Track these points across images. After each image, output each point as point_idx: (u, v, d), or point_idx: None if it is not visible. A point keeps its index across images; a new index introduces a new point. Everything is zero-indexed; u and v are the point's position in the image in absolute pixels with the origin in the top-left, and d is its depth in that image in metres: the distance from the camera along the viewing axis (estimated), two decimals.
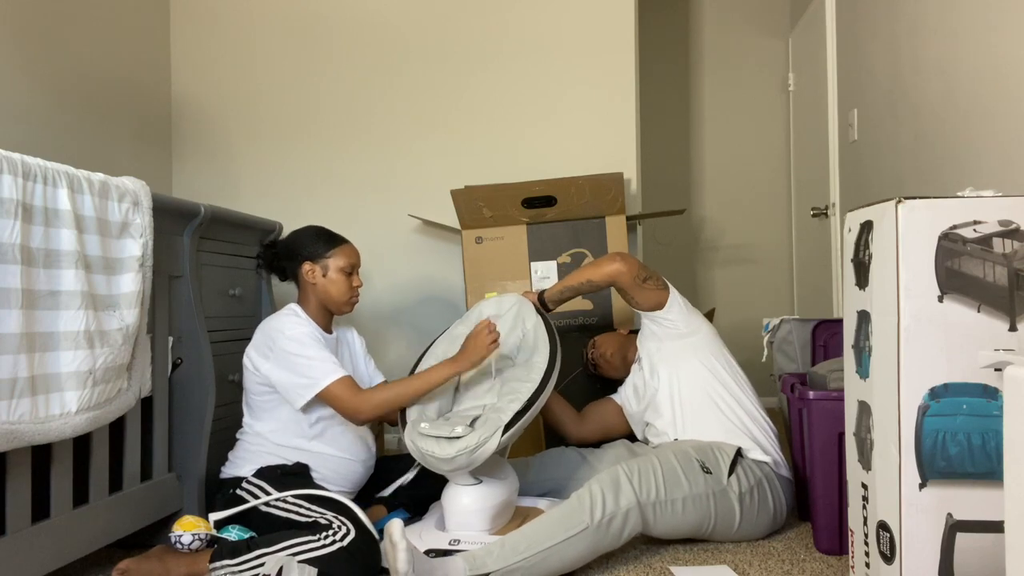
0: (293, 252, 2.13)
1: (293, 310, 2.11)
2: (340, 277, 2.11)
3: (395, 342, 3.25)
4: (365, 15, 3.32)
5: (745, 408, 2.11)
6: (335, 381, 1.98)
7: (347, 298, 2.14)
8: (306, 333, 2.03)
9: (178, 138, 3.40)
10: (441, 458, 1.84)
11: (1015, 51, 1.87)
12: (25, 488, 1.56)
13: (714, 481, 1.93)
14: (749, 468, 2.01)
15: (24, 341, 1.47)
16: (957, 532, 1.39)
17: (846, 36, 3.22)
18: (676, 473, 1.90)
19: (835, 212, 3.37)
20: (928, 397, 1.39)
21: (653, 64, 4.24)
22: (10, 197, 1.44)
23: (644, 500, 1.83)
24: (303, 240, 2.14)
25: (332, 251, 2.12)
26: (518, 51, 3.25)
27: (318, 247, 2.12)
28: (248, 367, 2.06)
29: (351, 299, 2.15)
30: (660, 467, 1.89)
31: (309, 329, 2.04)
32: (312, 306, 2.13)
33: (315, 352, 2.00)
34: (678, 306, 2.16)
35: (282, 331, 2.02)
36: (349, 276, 2.13)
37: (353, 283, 2.15)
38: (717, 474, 1.94)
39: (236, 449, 2.10)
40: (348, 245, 2.16)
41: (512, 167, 3.14)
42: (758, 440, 2.08)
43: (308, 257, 2.11)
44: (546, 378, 2.02)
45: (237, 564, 1.73)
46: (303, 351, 2.00)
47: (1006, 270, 1.37)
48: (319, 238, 2.14)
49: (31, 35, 2.58)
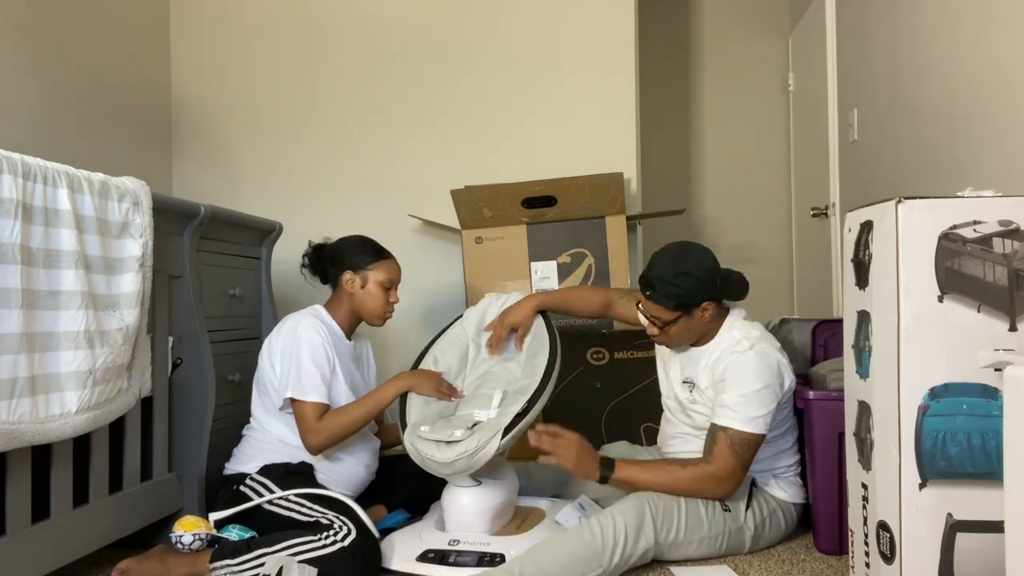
0: (337, 258, 2.16)
1: (317, 312, 2.12)
2: (378, 291, 2.13)
3: (395, 342, 3.24)
4: (365, 15, 3.32)
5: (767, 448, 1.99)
6: (312, 402, 1.98)
7: (381, 312, 2.16)
8: (319, 343, 2.04)
9: (178, 138, 3.40)
10: (441, 462, 1.84)
11: (1015, 52, 1.87)
12: (25, 488, 1.56)
13: (731, 519, 1.91)
14: (764, 500, 1.99)
15: (24, 341, 1.47)
16: (957, 532, 1.39)
17: (846, 36, 3.22)
18: (699, 516, 1.86)
19: (835, 212, 3.37)
20: (928, 397, 1.39)
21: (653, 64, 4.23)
22: (10, 197, 1.44)
23: (663, 541, 1.81)
24: (349, 248, 2.16)
25: (375, 264, 2.14)
26: (518, 51, 3.24)
27: (362, 258, 2.14)
28: (264, 357, 2.08)
29: (385, 313, 2.17)
30: (685, 509, 1.85)
31: (323, 339, 2.05)
32: (342, 311, 2.14)
33: (314, 366, 2.01)
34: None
35: (299, 328, 2.04)
36: (387, 291, 2.15)
37: (390, 299, 2.17)
38: (735, 512, 1.92)
39: (242, 445, 2.10)
40: (391, 261, 2.18)
41: (512, 167, 3.14)
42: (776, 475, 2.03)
43: (350, 266, 2.13)
44: (546, 379, 2.02)
45: (237, 564, 1.73)
46: (304, 357, 2.00)
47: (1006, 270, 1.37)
48: (365, 249, 2.16)
49: (31, 35, 2.58)
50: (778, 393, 1.89)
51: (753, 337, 1.94)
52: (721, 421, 1.87)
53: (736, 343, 1.93)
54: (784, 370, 1.93)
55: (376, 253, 2.17)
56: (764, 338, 1.96)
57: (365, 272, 2.13)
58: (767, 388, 1.87)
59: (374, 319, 2.17)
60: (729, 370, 1.90)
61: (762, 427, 1.86)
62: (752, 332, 1.96)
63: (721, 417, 1.87)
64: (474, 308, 2.31)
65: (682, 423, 2.07)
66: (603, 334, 2.78)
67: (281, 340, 2.05)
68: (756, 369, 1.88)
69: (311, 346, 2.02)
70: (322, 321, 2.09)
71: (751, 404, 1.85)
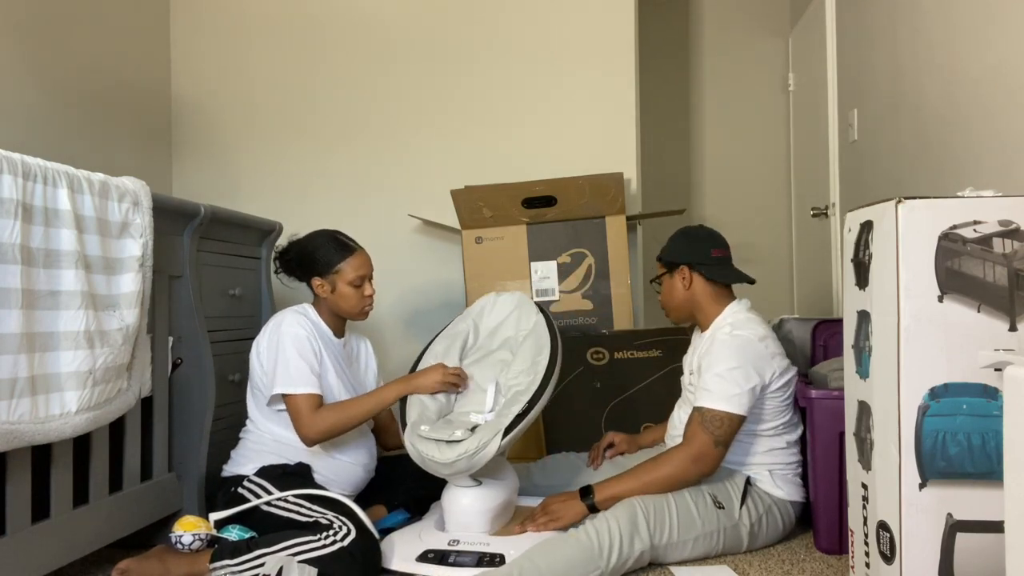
0: (304, 263, 2.12)
1: (303, 310, 2.11)
2: (349, 290, 2.09)
3: (395, 342, 3.24)
4: (365, 16, 3.32)
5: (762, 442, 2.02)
6: (304, 393, 1.97)
7: (358, 309, 2.13)
8: (304, 337, 2.02)
9: (178, 138, 3.40)
10: (441, 462, 1.83)
11: (1015, 51, 1.87)
12: (25, 488, 1.56)
13: (726, 516, 1.91)
14: (759, 497, 1.99)
15: (24, 341, 1.47)
16: (957, 532, 1.39)
17: (846, 36, 3.22)
18: (691, 514, 1.87)
19: (835, 212, 3.36)
20: (928, 397, 1.39)
21: (653, 64, 4.23)
22: (10, 197, 1.44)
23: (657, 543, 1.82)
24: (314, 251, 2.11)
25: (339, 266, 2.09)
26: (518, 51, 3.24)
27: (326, 261, 2.09)
28: (253, 357, 2.07)
29: (363, 309, 2.14)
30: (675, 508, 1.85)
31: (308, 333, 2.04)
32: (324, 312, 2.13)
33: (301, 358, 1.99)
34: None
35: (283, 324, 2.04)
36: (358, 288, 2.11)
37: (364, 292, 2.12)
38: (729, 509, 1.92)
39: (239, 447, 2.10)
40: (356, 256, 2.11)
41: (512, 167, 3.14)
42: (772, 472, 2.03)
43: (317, 272, 2.10)
44: (546, 380, 2.02)
45: (237, 564, 1.73)
46: (292, 350, 2.00)
47: (1006, 270, 1.37)
48: (328, 251, 2.10)
49: (31, 35, 2.58)
50: (756, 374, 1.93)
51: (738, 322, 2.01)
52: (698, 402, 1.94)
53: (721, 327, 2.02)
54: (766, 353, 1.97)
55: (339, 253, 2.10)
56: (750, 323, 2.01)
57: (332, 276, 2.09)
58: (739, 368, 1.91)
59: (353, 317, 2.14)
60: (710, 351, 1.97)
61: (737, 407, 1.90)
62: (739, 317, 2.03)
63: (699, 399, 1.94)
64: (473, 306, 2.31)
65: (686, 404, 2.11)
66: (603, 334, 2.78)
67: (266, 338, 2.05)
68: (730, 349, 1.94)
69: (295, 340, 2.01)
70: (308, 318, 2.08)
71: (724, 383, 1.91)
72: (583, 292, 2.85)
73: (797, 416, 2.08)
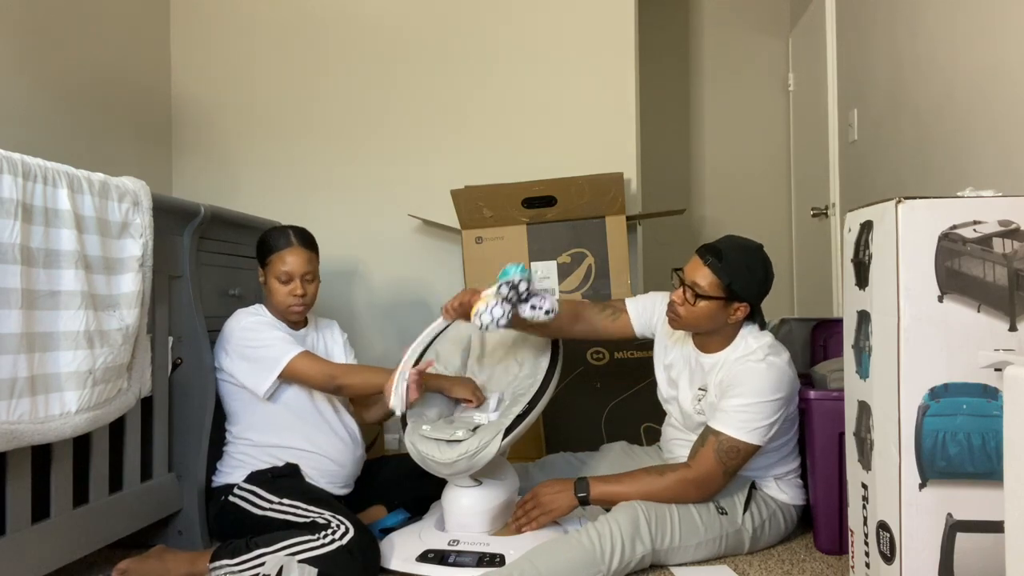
0: (257, 255, 2.13)
1: (255, 309, 2.11)
2: (276, 286, 2.05)
3: (395, 342, 3.24)
4: (365, 16, 3.32)
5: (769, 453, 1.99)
6: (295, 357, 1.97)
7: (282, 307, 2.06)
8: (258, 321, 2.03)
9: (178, 138, 3.40)
10: (441, 462, 1.83)
11: (1015, 51, 1.87)
12: (25, 488, 1.56)
13: (729, 522, 1.90)
14: (764, 502, 1.98)
15: (24, 341, 1.47)
16: (957, 532, 1.39)
17: (846, 36, 3.22)
18: (693, 520, 1.86)
19: (835, 212, 3.36)
20: (928, 397, 1.39)
21: (653, 64, 4.23)
22: (10, 197, 1.44)
23: (659, 547, 1.81)
24: (259, 244, 2.11)
25: (268, 259, 2.07)
26: (518, 51, 3.24)
27: (262, 254, 2.09)
28: (225, 363, 2.05)
29: (287, 308, 2.06)
30: (678, 513, 1.84)
31: (260, 319, 2.04)
32: (271, 306, 2.12)
33: (267, 334, 2.00)
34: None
35: (235, 324, 2.04)
36: (284, 284, 2.04)
37: (291, 291, 2.04)
38: (732, 515, 1.91)
39: (224, 459, 2.09)
40: (284, 252, 2.05)
41: (512, 167, 3.13)
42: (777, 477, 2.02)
43: (260, 262, 2.11)
44: (547, 381, 2.02)
45: (237, 564, 1.73)
46: (256, 336, 2.00)
47: (1006, 270, 1.37)
48: (266, 243, 2.09)
49: (31, 35, 2.58)
50: (783, 407, 1.87)
51: (767, 348, 1.91)
52: (715, 425, 1.86)
53: (751, 352, 1.91)
54: (793, 383, 1.92)
55: (270, 247, 2.07)
56: (778, 350, 1.93)
57: (265, 268, 2.08)
58: (772, 401, 1.84)
59: (280, 315, 2.09)
60: (738, 377, 1.87)
61: (758, 438, 1.84)
62: (765, 341, 1.93)
63: (716, 421, 1.86)
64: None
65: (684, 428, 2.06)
66: None
67: (227, 340, 2.04)
68: (766, 380, 1.85)
69: (255, 322, 2.02)
70: (259, 314, 2.08)
71: (752, 414, 1.83)
72: (583, 292, 2.85)
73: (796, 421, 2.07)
